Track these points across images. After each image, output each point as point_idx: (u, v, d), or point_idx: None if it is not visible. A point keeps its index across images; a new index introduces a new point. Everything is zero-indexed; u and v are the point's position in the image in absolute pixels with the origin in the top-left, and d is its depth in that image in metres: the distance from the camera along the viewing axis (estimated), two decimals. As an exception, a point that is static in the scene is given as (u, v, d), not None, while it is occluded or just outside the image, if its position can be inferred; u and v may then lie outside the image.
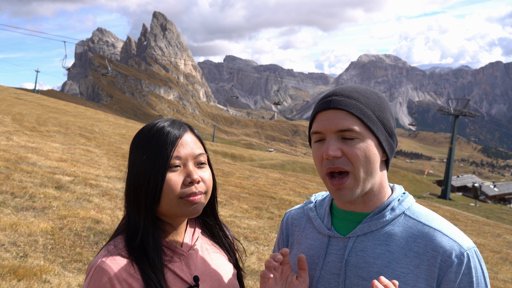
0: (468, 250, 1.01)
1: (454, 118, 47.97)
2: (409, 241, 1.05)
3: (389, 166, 1.13)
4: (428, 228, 1.05)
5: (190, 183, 1.10)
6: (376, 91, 1.12)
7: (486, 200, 65.38)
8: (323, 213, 1.20)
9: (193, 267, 1.15)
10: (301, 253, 1.19)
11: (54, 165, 8.37)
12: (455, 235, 1.03)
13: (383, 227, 1.08)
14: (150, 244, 1.08)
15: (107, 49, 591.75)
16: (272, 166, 41.79)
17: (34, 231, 4.54)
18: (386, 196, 1.12)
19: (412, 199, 1.14)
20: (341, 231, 1.14)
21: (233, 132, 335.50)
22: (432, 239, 1.03)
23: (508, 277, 7.13)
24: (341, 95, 1.06)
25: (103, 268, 1.03)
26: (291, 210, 1.36)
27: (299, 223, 1.27)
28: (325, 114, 1.06)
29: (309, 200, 1.32)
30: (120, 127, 30.39)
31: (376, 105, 1.07)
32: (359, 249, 1.08)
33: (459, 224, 14.37)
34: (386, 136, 1.07)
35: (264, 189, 11.57)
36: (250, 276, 4.56)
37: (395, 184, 1.19)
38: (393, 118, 1.12)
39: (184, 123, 1.19)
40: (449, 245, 1.01)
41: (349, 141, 1.03)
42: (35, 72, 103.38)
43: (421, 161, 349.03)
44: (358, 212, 1.12)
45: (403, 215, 1.09)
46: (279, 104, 69.42)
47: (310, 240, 1.20)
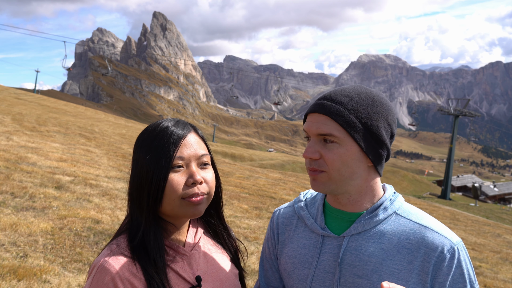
0: (457, 244, 1.07)
1: (454, 118, 47.97)
2: (402, 238, 1.09)
3: (380, 171, 1.14)
4: (418, 226, 1.09)
5: (192, 184, 1.09)
6: (376, 95, 1.11)
7: (486, 200, 65.38)
8: (316, 212, 1.21)
9: (196, 267, 1.15)
10: (294, 252, 1.21)
11: (54, 165, 8.37)
12: (444, 231, 1.09)
13: (376, 226, 1.11)
14: (152, 244, 1.08)
15: (107, 49, 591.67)
16: (272, 166, 41.80)
17: (34, 231, 4.53)
18: (377, 197, 1.15)
19: (402, 199, 1.18)
20: (335, 230, 1.16)
21: (233, 132, 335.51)
22: (423, 236, 1.07)
23: (508, 277, 7.13)
24: (330, 99, 1.09)
25: (105, 267, 1.03)
26: (280, 208, 1.36)
27: (290, 222, 1.28)
28: (311, 116, 1.10)
29: (298, 198, 1.32)
30: (120, 127, 30.39)
31: (366, 111, 1.07)
32: (353, 247, 1.11)
33: (459, 224, 14.37)
34: (372, 143, 1.08)
35: (264, 189, 11.57)
36: (250, 276, 4.56)
37: (385, 184, 1.21)
38: (389, 124, 1.10)
39: (188, 124, 1.18)
40: (441, 241, 1.06)
41: (329, 145, 1.07)
42: (35, 72, 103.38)
43: (421, 161, 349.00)
44: (351, 212, 1.14)
45: (395, 214, 1.13)
46: (279, 104, 69.42)
47: (302, 239, 1.21)
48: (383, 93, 1.15)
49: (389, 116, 1.10)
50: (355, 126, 1.06)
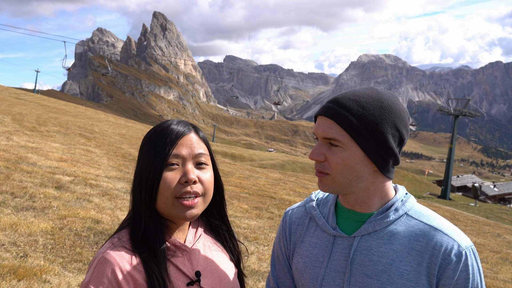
0: (466, 248, 1.06)
1: (454, 118, 47.98)
2: (412, 240, 1.08)
3: (387, 175, 1.12)
4: (429, 228, 1.09)
5: (185, 182, 1.09)
6: (386, 99, 1.09)
7: (486, 200, 65.39)
8: (327, 212, 1.22)
9: (195, 263, 1.16)
10: (305, 251, 1.22)
11: (54, 165, 8.38)
12: (454, 234, 1.08)
13: (386, 227, 1.11)
14: (152, 238, 1.09)
15: (107, 49, 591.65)
16: (272, 166, 41.79)
17: (34, 231, 4.53)
18: (387, 198, 1.15)
19: (413, 200, 1.18)
20: (346, 230, 1.17)
21: (233, 132, 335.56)
22: (432, 238, 1.07)
23: (508, 277, 7.12)
24: (337, 103, 1.09)
25: (107, 259, 1.04)
26: (292, 208, 1.36)
27: (302, 222, 1.28)
28: (319, 119, 1.12)
29: (310, 198, 1.32)
30: (120, 127, 30.40)
31: (372, 116, 1.06)
32: (364, 248, 1.11)
33: (459, 224, 14.37)
34: (377, 149, 1.07)
35: (264, 189, 11.57)
36: (250, 276, 4.56)
37: (397, 184, 1.21)
38: (398, 130, 1.08)
39: (190, 124, 1.18)
40: (449, 244, 1.05)
41: (334, 148, 1.08)
42: (35, 72, 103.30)
43: (421, 161, 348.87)
44: (362, 213, 1.15)
45: (406, 215, 1.13)
46: (279, 104, 69.39)
47: (314, 238, 1.22)
48: (396, 97, 1.13)
49: (398, 122, 1.08)
50: (359, 132, 1.06)
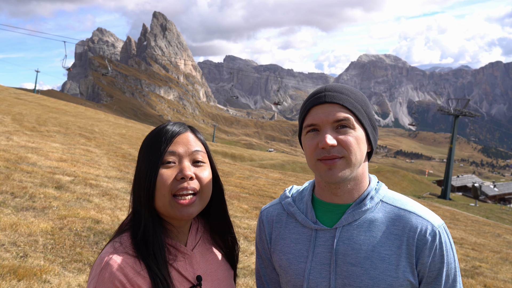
0: (439, 227, 1.13)
1: (454, 118, 47.97)
2: (389, 225, 1.15)
3: (371, 157, 1.24)
4: (403, 211, 1.16)
5: (182, 178, 1.09)
6: (358, 90, 1.23)
7: (486, 200, 65.37)
8: (305, 207, 1.24)
9: (196, 266, 1.16)
10: (287, 248, 1.24)
11: (54, 165, 8.37)
12: (427, 215, 1.15)
13: (365, 215, 1.17)
14: (152, 241, 1.09)
15: (107, 49, 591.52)
16: (272, 166, 41.81)
17: (34, 231, 4.53)
18: (366, 186, 1.21)
19: (385, 187, 1.25)
20: (326, 222, 1.20)
21: (233, 132, 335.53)
22: (408, 221, 1.14)
23: (508, 277, 7.12)
24: (333, 91, 1.16)
25: (110, 264, 1.03)
26: (267, 207, 1.37)
27: (280, 219, 1.30)
28: (320, 107, 1.15)
29: (285, 195, 1.33)
30: (120, 127, 30.39)
31: (363, 101, 1.19)
32: (345, 237, 1.16)
33: (459, 224, 14.37)
34: (372, 129, 1.19)
35: (264, 189, 11.57)
36: (250, 276, 4.55)
37: (369, 174, 1.27)
38: (373, 115, 1.25)
39: (187, 125, 1.20)
40: (423, 225, 1.13)
41: (343, 130, 1.13)
42: (35, 72, 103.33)
43: (421, 161, 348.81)
44: (340, 204, 1.19)
45: (381, 202, 1.19)
46: (279, 104, 69.37)
47: (294, 234, 1.24)
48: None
49: (371, 108, 1.24)
50: (362, 113, 1.16)
